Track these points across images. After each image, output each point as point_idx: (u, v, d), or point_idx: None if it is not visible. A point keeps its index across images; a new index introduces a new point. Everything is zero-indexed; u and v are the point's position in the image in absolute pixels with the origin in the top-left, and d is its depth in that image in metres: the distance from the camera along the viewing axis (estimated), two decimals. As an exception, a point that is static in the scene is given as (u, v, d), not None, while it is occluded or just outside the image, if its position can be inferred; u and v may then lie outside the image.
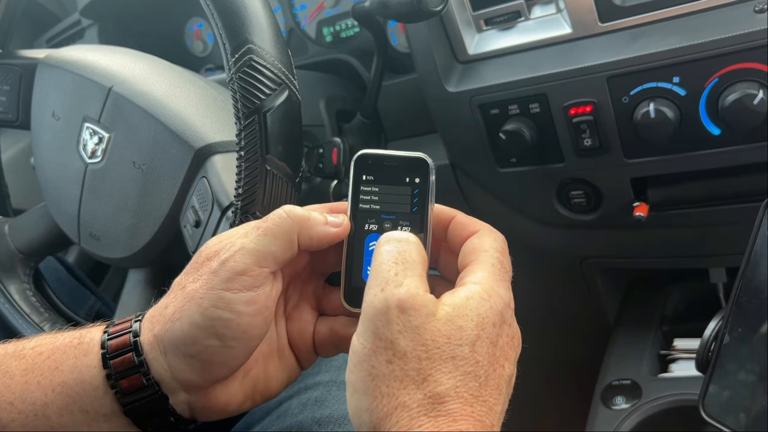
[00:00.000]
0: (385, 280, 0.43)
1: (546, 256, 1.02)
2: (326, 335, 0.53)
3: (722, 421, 0.62)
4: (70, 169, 0.79)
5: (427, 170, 0.50)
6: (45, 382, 0.48)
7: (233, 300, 0.46)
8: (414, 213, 0.50)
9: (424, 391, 0.40)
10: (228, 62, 0.58)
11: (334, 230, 0.49)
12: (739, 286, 0.62)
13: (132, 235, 0.75)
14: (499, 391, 0.42)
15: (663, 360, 0.98)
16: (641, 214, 0.80)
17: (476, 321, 0.42)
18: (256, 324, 0.47)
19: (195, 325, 0.46)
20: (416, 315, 0.42)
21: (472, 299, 0.43)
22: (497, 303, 0.44)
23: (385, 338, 0.42)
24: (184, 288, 0.47)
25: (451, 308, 0.43)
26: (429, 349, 0.41)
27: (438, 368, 0.41)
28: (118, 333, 0.49)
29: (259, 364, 0.51)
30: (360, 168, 0.50)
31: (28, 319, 0.83)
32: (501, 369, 0.43)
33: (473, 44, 0.83)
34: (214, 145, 0.69)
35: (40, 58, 0.85)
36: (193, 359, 0.46)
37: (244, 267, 0.46)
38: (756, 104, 0.66)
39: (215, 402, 0.49)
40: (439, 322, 0.42)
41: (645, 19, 0.74)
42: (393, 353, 0.41)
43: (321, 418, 0.67)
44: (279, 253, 0.47)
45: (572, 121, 0.76)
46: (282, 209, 0.48)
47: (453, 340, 0.42)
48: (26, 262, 0.89)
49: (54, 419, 0.47)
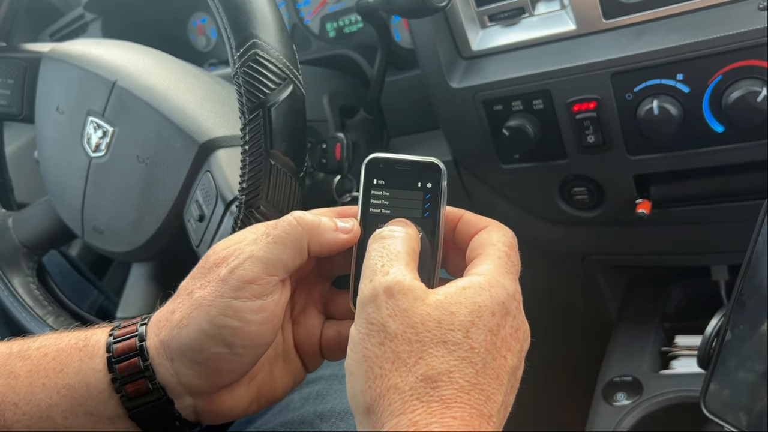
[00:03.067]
0: (372, 272, 0.44)
1: (548, 253, 1.03)
2: (333, 339, 0.52)
3: (724, 418, 0.62)
4: (73, 163, 0.79)
5: (439, 175, 0.49)
6: (50, 384, 0.48)
7: (242, 308, 0.45)
8: (426, 218, 0.49)
9: (416, 374, 0.40)
10: (233, 57, 0.58)
11: (344, 236, 0.49)
12: (742, 283, 0.62)
13: (135, 229, 0.75)
14: (499, 381, 0.42)
15: (664, 357, 0.98)
16: (644, 211, 0.80)
17: (471, 308, 0.42)
18: (264, 332, 0.47)
19: (203, 332, 0.46)
20: (404, 298, 0.42)
21: (469, 288, 0.43)
22: (499, 293, 0.43)
23: (376, 322, 0.42)
24: (192, 294, 0.47)
25: (443, 296, 0.43)
26: (419, 332, 0.41)
27: (429, 351, 0.41)
28: (123, 336, 0.49)
29: (265, 369, 0.51)
30: (371, 172, 0.50)
31: (31, 312, 0.83)
32: (502, 359, 0.42)
33: (477, 40, 0.83)
34: (218, 140, 0.69)
35: (44, 51, 0.85)
36: (200, 366, 0.46)
37: (254, 275, 0.46)
38: (759, 102, 0.66)
39: (221, 407, 0.49)
40: (429, 307, 0.42)
41: (649, 16, 0.74)
42: (384, 335, 0.42)
43: (323, 412, 0.67)
44: (289, 261, 0.47)
45: (575, 117, 0.76)
46: (292, 216, 0.48)
47: (444, 325, 0.41)
48: (30, 255, 0.89)
49: (59, 421, 0.48)
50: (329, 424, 0.66)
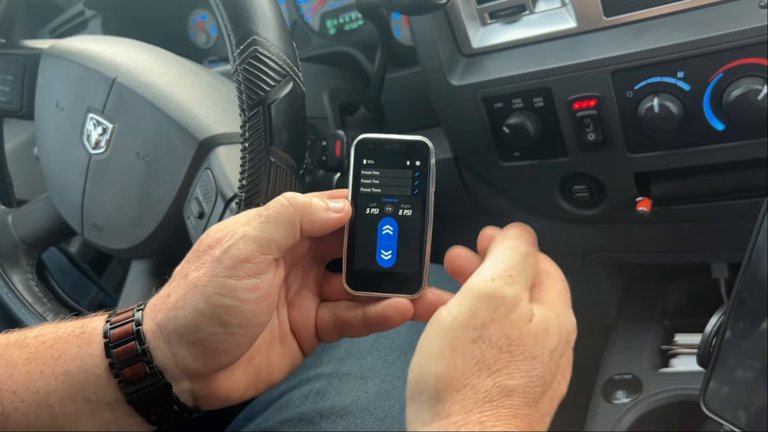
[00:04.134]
0: (497, 274, 0.45)
1: (548, 251, 1.02)
2: (329, 320, 0.53)
3: (723, 416, 0.62)
4: (73, 160, 0.79)
5: (427, 153, 0.50)
6: (48, 371, 0.48)
7: (237, 287, 0.46)
8: (415, 195, 0.50)
9: (495, 380, 0.42)
10: (233, 53, 0.58)
11: (335, 215, 0.49)
12: (742, 281, 0.62)
13: (135, 226, 0.75)
14: (551, 406, 0.44)
15: (664, 355, 0.98)
16: (644, 209, 0.80)
17: (558, 331, 0.45)
18: (259, 311, 0.47)
19: (199, 312, 0.46)
20: (515, 313, 0.44)
21: (553, 311, 0.46)
22: (568, 323, 0.46)
23: (478, 319, 0.43)
24: (187, 276, 0.48)
25: (540, 315, 0.45)
26: (512, 344, 0.43)
27: (516, 364, 0.43)
28: (120, 322, 0.49)
29: (262, 352, 0.51)
30: (360, 152, 0.51)
31: (31, 309, 0.83)
32: (557, 384, 0.45)
33: (477, 37, 0.83)
34: (218, 137, 0.69)
35: (43, 48, 0.85)
36: (196, 347, 0.47)
37: (248, 254, 0.46)
38: (760, 100, 0.66)
39: (219, 390, 0.49)
40: (532, 325, 0.44)
41: (650, 13, 0.73)
42: (480, 335, 0.43)
43: (323, 409, 0.67)
44: (282, 240, 0.47)
45: (576, 115, 0.76)
46: (283, 196, 0.49)
47: (539, 342, 0.43)
48: (29, 252, 0.89)
49: (57, 408, 0.48)
50: (329, 421, 0.66)
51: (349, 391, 0.68)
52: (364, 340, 0.74)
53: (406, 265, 0.50)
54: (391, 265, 0.50)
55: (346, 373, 0.70)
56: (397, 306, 0.50)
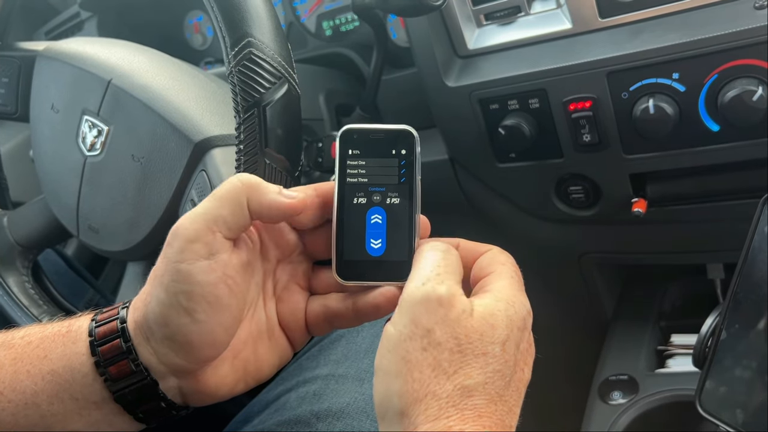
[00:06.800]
0: (427, 277, 0.45)
1: (544, 252, 1.03)
2: (319, 313, 0.52)
3: (719, 417, 0.62)
4: (69, 162, 0.79)
5: (412, 141, 0.51)
6: (34, 370, 0.48)
7: (190, 271, 0.45)
8: (402, 184, 0.50)
9: (454, 382, 0.42)
10: (228, 55, 0.58)
11: (285, 200, 0.48)
12: (737, 281, 0.62)
13: (131, 228, 0.75)
14: (518, 394, 0.44)
15: (660, 355, 0.98)
16: (640, 209, 0.80)
17: (506, 322, 0.44)
18: (220, 294, 0.46)
19: (162, 304, 0.46)
20: (453, 311, 0.43)
21: (500, 302, 0.45)
22: (521, 309, 0.45)
23: (422, 326, 0.43)
24: (154, 270, 0.48)
25: (483, 308, 0.44)
26: (461, 343, 0.43)
27: (469, 363, 0.42)
28: (105, 320, 0.49)
29: (248, 346, 0.51)
30: (346, 143, 0.51)
31: (26, 311, 0.83)
32: (521, 372, 0.45)
33: (473, 39, 0.83)
34: (214, 139, 0.69)
35: (39, 50, 0.84)
36: (171, 342, 0.46)
37: (195, 233, 0.46)
38: (755, 101, 0.66)
39: (205, 386, 0.49)
40: (474, 320, 0.43)
41: (645, 14, 0.74)
42: (428, 341, 0.43)
43: (319, 411, 0.67)
44: (229, 217, 0.47)
45: (571, 116, 0.77)
46: (235, 176, 0.48)
47: (485, 338, 0.43)
48: (25, 254, 0.89)
49: (44, 407, 0.48)
50: (325, 423, 0.66)
51: (345, 393, 0.68)
52: (361, 342, 0.74)
53: (395, 253, 0.50)
54: (381, 253, 0.50)
55: (342, 375, 0.70)
56: (387, 294, 0.50)
